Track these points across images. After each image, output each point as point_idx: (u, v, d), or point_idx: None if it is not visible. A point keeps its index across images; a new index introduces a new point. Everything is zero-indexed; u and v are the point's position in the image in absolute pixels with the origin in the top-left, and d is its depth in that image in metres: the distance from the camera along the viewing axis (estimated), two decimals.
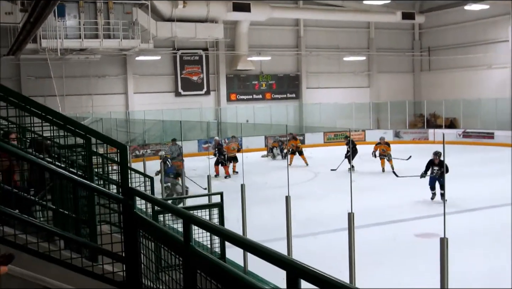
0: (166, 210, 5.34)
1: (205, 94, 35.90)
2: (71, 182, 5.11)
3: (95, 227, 5.19)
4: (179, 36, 31.24)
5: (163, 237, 4.19)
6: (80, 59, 30.16)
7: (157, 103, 33.07)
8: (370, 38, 41.08)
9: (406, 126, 38.59)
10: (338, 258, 8.65)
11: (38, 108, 5.11)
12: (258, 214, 14.66)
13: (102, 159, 8.45)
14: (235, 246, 3.13)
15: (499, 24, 35.86)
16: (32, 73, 29.66)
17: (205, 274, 3.34)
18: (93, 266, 4.71)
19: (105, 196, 5.23)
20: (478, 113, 35.64)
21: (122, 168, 5.14)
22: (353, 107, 38.43)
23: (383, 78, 41.45)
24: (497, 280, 9.79)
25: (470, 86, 37.60)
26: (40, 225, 4.76)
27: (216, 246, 9.65)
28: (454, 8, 37.02)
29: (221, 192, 10.14)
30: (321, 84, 39.46)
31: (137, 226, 4.55)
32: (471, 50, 37.63)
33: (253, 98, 37.37)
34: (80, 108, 30.77)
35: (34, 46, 25.21)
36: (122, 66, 33.39)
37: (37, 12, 11.51)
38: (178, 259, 3.81)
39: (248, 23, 35.09)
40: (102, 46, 27.28)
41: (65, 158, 6.11)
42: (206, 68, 35.72)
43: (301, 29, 38.57)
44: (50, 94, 24.22)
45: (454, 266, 7.04)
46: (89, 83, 32.30)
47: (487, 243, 12.42)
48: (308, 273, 2.50)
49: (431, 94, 40.46)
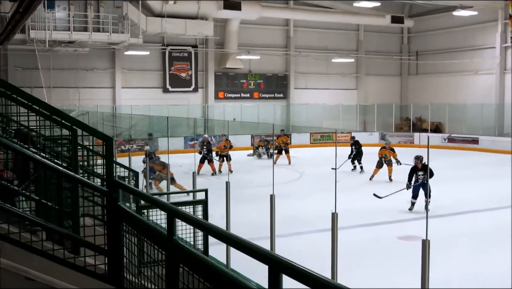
0: (150, 202, 5.33)
1: (193, 91, 35.85)
2: (55, 173, 5.08)
3: (78, 219, 5.17)
4: (169, 32, 31.19)
5: (146, 230, 4.19)
6: (69, 52, 30.02)
7: (145, 99, 33.00)
8: (359, 41, 41.20)
9: (392, 129, 38.74)
10: (321, 257, 8.67)
11: (24, 97, 5.08)
12: (243, 212, 14.64)
13: (87, 151, 8.41)
14: (217, 245, 3.13)
15: (487, 30, 36.12)
16: (20, 64, 29.44)
17: (188, 268, 3.34)
18: (75, 258, 4.69)
19: (89, 188, 5.21)
20: (463, 118, 35.88)
21: (107, 161, 5.13)
22: (340, 109, 38.56)
23: (370, 81, 41.60)
24: (480, 283, 9.85)
25: (456, 91, 37.82)
26: (22, 215, 4.74)
27: (199, 243, 9.64)
28: (443, 13, 37.22)
29: (206, 189, 10.15)
30: (309, 85, 39.53)
31: (121, 219, 4.55)
32: (459, 55, 37.87)
33: (241, 96, 37.36)
34: (67, 101, 30.59)
35: (23, 36, 25.09)
36: (110, 60, 33.25)
37: (27, 2, 11.46)
38: (162, 253, 3.81)
39: (238, 21, 35.09)
40: (91, 39, 27.22)
41: (50, 149, 6.08)
42: (195, 65, 35.65)
43: (291, 30, 38.63)
44: (37, 86, 24.08)
45: (436, 269, 7.10)
46: (76, 76, 32.13)
47: (470, 246, 12.50)
48: (290, 267, 2.51)
49: (417, 98, 40.65)
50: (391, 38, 42.46)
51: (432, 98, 38.32)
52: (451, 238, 12.80)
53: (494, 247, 12.23)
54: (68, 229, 5.28)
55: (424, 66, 41.04)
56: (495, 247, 12.14)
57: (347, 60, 39.26)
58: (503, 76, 35.13)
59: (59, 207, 5.38)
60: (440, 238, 11.39)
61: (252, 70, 37.50)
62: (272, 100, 38.27)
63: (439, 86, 39.26)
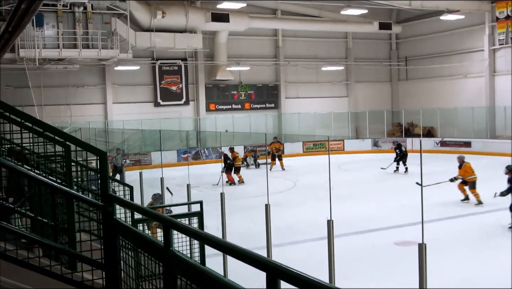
0: (145, 215, 5.33)
1: (184, 104, 35.85)
2: (50, 188, 5.08)
3: (74, 234, 5.17)
4: (158, 46, 31.24)
5: (143, 242, 4.19)
6: (59, 69, 30.00)
7: (136, 113, 33.00)
8: (348, 48, 41.35)
9: (384, 135, 38.81)
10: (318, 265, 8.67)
11: (16, 114, 5.08)
12: (238, 223, 14.65)
13: (81, 167, 8.40)
14: (214, 256, 3.14)
15: (474, 33, 36.32)
16: (11, 83, 29.33)
17: (186, 279, 3.34)
18: (72, 274, 4.69)
19: (84, 202, 5.21)
20: (455, 122, 36.01)
21: (101, 175, 5.13)
22: (332, 116, 38.65)
23: (361, 88, 41.72)
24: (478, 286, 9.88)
25: (447, 95, 37.99)
26: (19, 232, 4.73)
27: (196, 254, 9.63)
28: (430, 18, 37.44)
29: (201, 201, 10.13)
30: (299, 94, 39.62)
31: (117, 232, 4.55)
32: (447, 59, 38.03)
33: (232, 108, 37.38)
34: (59, 118, 30.53)
35: (12, 55, 25.03)
36: (101, 76, 33.24)
37: (16, 21, 11.44)
38: (159, 265, 3.81)
39: (227, 33, 35.16)
40: (81, 56, 27.15)
41: (44, 166, 6.08)
42: (185, 78, 35.68)
43: (280, 39, 38.74)
44: (29, 104, 24.03)
45: (434, 273, 7.12)
46: (67, 93, 32.11)
47: (467, 249, 12.54)
48: (287, 273, 2.52)
49: (408, 104, 40.78)
50: (380, 45, 42.66)
51: (423, 103, 38.47)
52: (448, 242, 12.83)
53: (491, 249, 12.28)
54: (64, 244, 5.28)
55: (413, 71, 41.21)
56: (492, 250, 12.18)
57: (337, 68, 39.42)
58: (493, 78, 35.32)
59: (54, 223, 5.38)
60: (437, 242, 11.43)
61: (243, 81, 37.56)
62: (263, 111, 38.31)
63: (430, 91, 39.41)
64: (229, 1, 29.64)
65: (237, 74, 36.81)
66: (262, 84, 38.41)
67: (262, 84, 38.43)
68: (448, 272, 10.55)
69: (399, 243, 12.96)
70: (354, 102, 41.34)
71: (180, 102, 35.71)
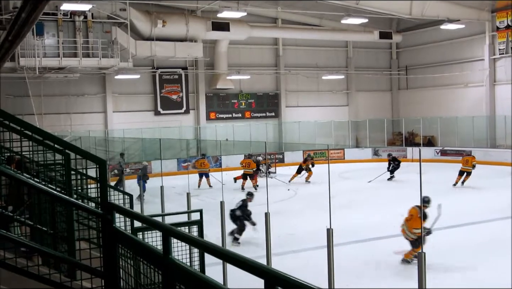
0: (145, 223, 5.33)
1: (184, 113, 35.87)
2: (50, 196, 5.09)
3: (73, 242, 5.17)
4: (159, 55, 31.30)
5: (142, 250, 4.19)
6: (59, 78, 30.02)
7: (137, 122, 33.00)
8: (348, 57, 41.42)
9: (384, 144, 38.80)
10: (318, 274, 8.66)
11: (16, 123, 5.09)
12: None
13: (80, 176, 8.42)
14: (213, 265, 3.14)
15: (474, 43, 36.39)
16: (11, 92, 29.35)
17: (185, 287, 3.34)
18: (71, 282, 4.69)
19: (84, 211, 5.22)
20: (455, 131, 35.99)
21: (101, 183, 5.13)
22: (332, 125, 38.66)
23: (361, 97, 41.76)
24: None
25: (447, 104, 38.02)
26: (18, 241, 4.73)
27: (195, 263, 9.60)
28: (430, 28, 37.51)
29: (201, 209, 10.10)
30: (300, 102, 39.65)
31: (117, 240, 4.54)
32: (448, 68, 38.08)
33: (232, 117, 37.40)
34: (59, 127, 30.56)
35: (12, 64, 25.06)
36: (101, 85, 33.29)
37: (16, 30, 11.47)
38: (158, 273, 3.81)
39: (228, 42, 35.24)
40: (81, 65, 27.21)
41: (44, 175, 6.08)
42: (186, 87, 35.72)
43: (280, 48, 38.80)
44: (29, 113, 24.07)
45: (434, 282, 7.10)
46: (67, 102, 32.15)
47: (468, 258, 12.51)
48: (285, 280, 2.52)
49: (409, 113, 40.83)
50: (380, 54, 42.73)
51: (423, 112, 38.50)
52: (448, 251, 12.81)
53: (493, 258, 12.26)
54: (64, 253, 5.27)
55: (414, 80, 41.26)
56: (494, 258, 12.15)
57: (337, 77, 39.45)
58: (493, 88, 35.35)
59: (54, 232, 5.38)
60: (437, 251, 11.42)
61: (243, 90, 37.59)
62: (263, 119, 38.32)
63: (430, 100, 39.44)
64: (230, 10, 29.70)
65: (237, 83, 36.85)
66: (262, 93, 38.44)
67: (263, 93, 38.46)
68: (450, 280, 10.54)
69: (399, 252, 12.93)
70: (354, 111, 41.36)
71: (181, 111, 35.73)
